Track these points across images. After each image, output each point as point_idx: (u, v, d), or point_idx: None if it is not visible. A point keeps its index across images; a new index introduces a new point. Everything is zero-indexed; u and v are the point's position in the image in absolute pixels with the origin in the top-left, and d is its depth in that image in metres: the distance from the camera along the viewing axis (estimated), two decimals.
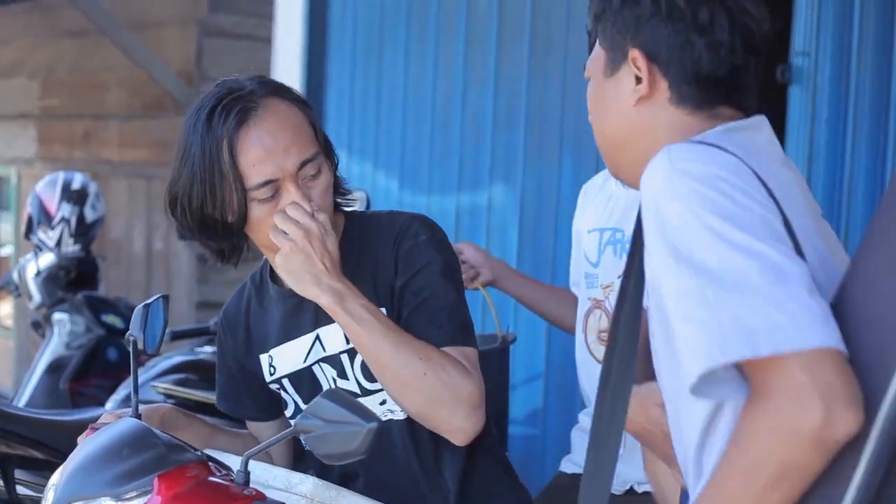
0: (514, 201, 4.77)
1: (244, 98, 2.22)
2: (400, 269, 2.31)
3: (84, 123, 8.80)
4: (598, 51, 1.93)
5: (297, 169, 2.22)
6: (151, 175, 8.13)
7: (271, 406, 2.54)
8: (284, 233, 2.18)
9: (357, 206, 2.51)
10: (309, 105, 2.34)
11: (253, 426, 2.61)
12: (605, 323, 2.83)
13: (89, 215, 5.06)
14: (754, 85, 1.87)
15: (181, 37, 7.86)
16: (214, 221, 2.28)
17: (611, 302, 2.81)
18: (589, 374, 2.87)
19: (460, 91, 5.04)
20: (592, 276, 2.90)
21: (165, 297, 2.46)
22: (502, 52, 4.89)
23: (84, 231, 5.04)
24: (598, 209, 2.95)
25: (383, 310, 2.28)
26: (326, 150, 2.34)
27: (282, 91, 2.30)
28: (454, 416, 2.20)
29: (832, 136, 3.70)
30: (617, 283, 2.75)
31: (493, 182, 4.88)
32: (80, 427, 2.40)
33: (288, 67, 5.96)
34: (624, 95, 1.86)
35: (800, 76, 3.75)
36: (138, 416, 2.27)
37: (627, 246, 2.75)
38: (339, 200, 2.40)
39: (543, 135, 4.70)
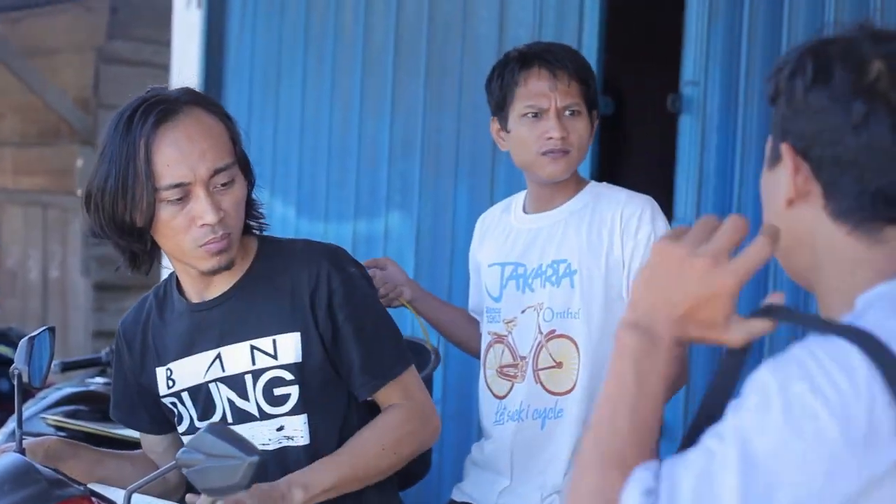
0: (410, 229, 4.78)
1: (167, 102, 2.25)
2: (336, 302, 2.32)
3: None
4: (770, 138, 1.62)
5: (210, 176, 2.23)
6: (47, 203, 8.03)
7: (164, 420, 2.52)
8: None
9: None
10: (231, 119, 2.35)
11: (146, 438, 2.59)
12: (507, 358, 2.81)
13: None
14: None
15: (78, 63, 7.79)
16: (123, 221, 2.27)
17: (514, 337, 2.80)
18: (486, 406, 2.86)
19: (357, 120, 5.05)
20: (494, 310, 2.88)
21: (52, 329, 2.43)
22: (399, 81, 4.90)
23: None
24: (498, 242, 2.92)
25: (297, 334, 2.32)
26: (243, 165, 2.34)
27: (206, 102, 2.33)
28: (427, 445, 2.50)
29: (721, 164, 3.76)
30: (520, 318, 2.78)
31: (389, 210, 4.89)
32: None
33: None
34: (779, 194, 1.53)
35: (690, 105, 3.81)
36: (22, 451, 2.23)
37: (530, 280, 2.78)
38: (251, 223, 2.40)
39: (439, 163, 4.72)
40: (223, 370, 2.37)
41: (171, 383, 2.44)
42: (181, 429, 2.47)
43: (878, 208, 1.45)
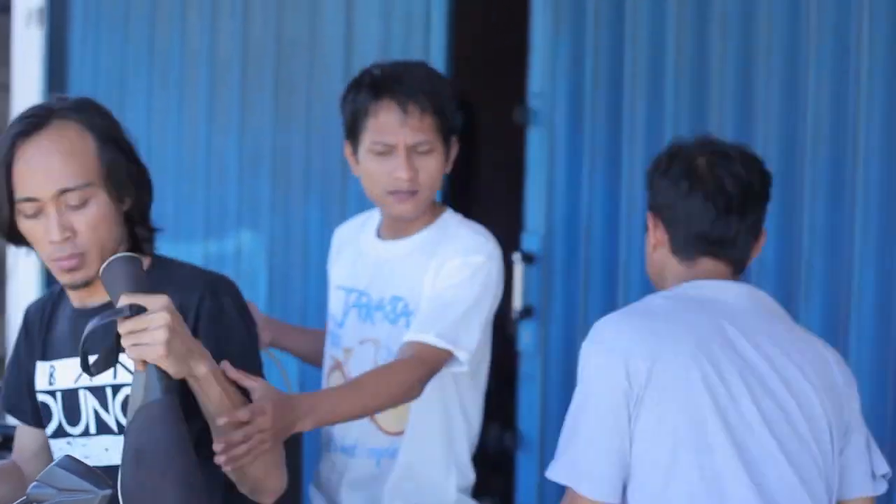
0: (261, 247, 4.73)
1: (39, 115, 2.25)
2: (200, 331, 2.26)
3: None
4: None
5: (57, 195, 2.20)
6: None
7: (39, 414, 2.46)
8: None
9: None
10: (110, 136, 2.29)
11: (23, 433, 2.53)
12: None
13: None
14: (739, 238, 2.39)
15: None
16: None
17: (349, 367, 2.76)
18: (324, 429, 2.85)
19: (204, 137, 4.99)
20: (336, 335, 2.84)
21: None
22: (246, 97, 4.86)
23: None
24: (348, 264, 2.87)
25: None
26: (113, 182, 2.27)
27: (84, 113, 2.29)
28: None
29: (571, 175, 3.80)
30: (357, 349, 2.75)
31: (239, 228, 4.84)
32: None
33: None
34: (649, 243, 2.49)
35: (537, 117, 3.84)
36: None
37: (372, 311, 2.73)
38: (140, 236, 2.36)
39: (290, 180, 4.69)
40: (91, 379, 2.30)
41: (51, 380, 2.41)
42: (49, 430, 2.42)
43: (695, 246, 2.40)
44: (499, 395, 5.16)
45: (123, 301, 1.99)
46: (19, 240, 2.32)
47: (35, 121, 2.24)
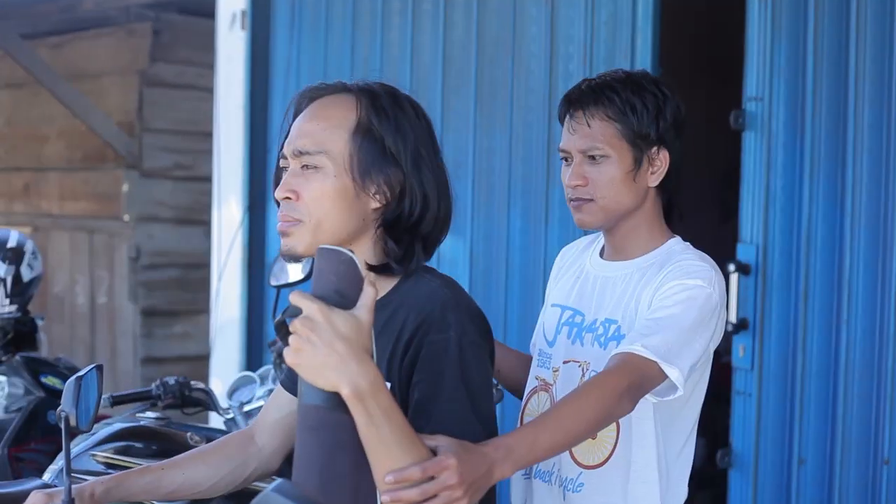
0: (463, 253, 4.67)
1: (340, 83, 2.22)
2: (417, 362, 2.08)
3: (24, 176, 8.63)
4: None
5: (294, 156, 2.15)
6: (94, 228, 7.97)
7: None
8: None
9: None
10: (374, 129, 2.14)
11: (271, 400, 2.48)
12: (548, 407, 2.54)
13: (26, 274, 4.87)
14: None
15: (121, 87, 7.72)
16: None
17: (557, 387, 2.55)
18: None
19: None
20: (546, 354, 2.63)
21: (99, 368, 2.32)
22: (447, 100, 4.81)
23: (21, 291, 4.85)
24: (568, 284, 2.68)
25: (387, 384, 2.01)
26: (355, 166, 2.12)
27: (369, 97, 2.19)
28: None
29: (788, 183, 3.63)
30: (562, 369, 2.53)
31: None
32: (16, 500, 2.27)
33: (231, 117, 5.84)
34: None
35: (753, 121, 3.68)
36: (71, 501, 2.13)
37: (583, 332, 2.52)
38: (388, 249, 2.16)
39: (492, 185, 4.62)
40: None
41: None
42: None
43: None
44: (703, 409, 5.04)
45: (293, 299, 1.91)
46: None
47: (328, 88, 2.21)
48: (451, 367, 2.06)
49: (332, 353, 1.84)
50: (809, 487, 3.63)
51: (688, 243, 2.57)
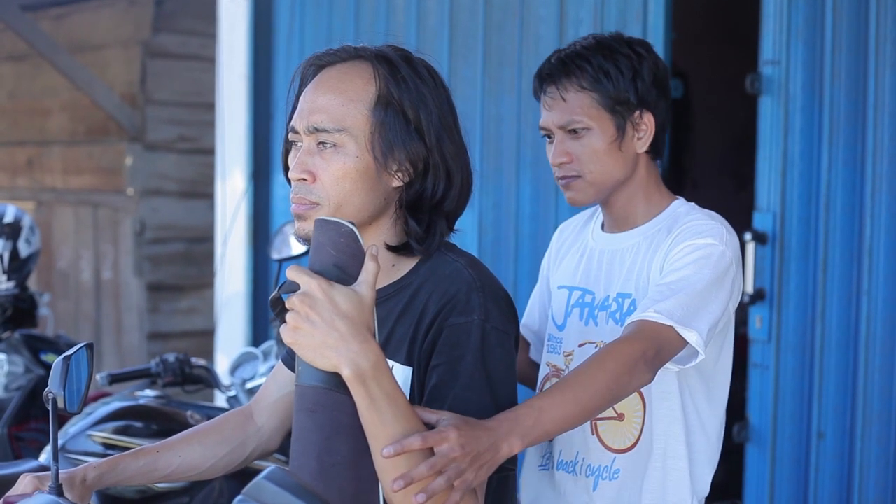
0: (472, 223, 4.57)
1: (350, 49, 2.06)
2: (438, 344, 1.98)
3: (26, 150, 8.54)
4: None
5: (310, 131, 1.99)
6: (98, 202, 7.88)
7: None
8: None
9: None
10: (396, 99, 2.00)
11: (270, 380, 2.38)
12: None
13: (23, 250, 4.79)
14: None
15: (124, 59, 7.62)
16: None
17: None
18: (532, 447, 2.50)
19: None
20: (556, 339, 2.51)
21: (90, 346, 2.21)
22: (455, 67, 4.71)
23: (18, 267, 4.77)
24: (573, 263, 2.55)
25: (409, 369, 2.01)
26: (378, 142, 1.99)
27: (387, 66, 2.03)
28: None
29: (807, 147, 3.52)
30: (577, 353, 2.41)
31: None
32: (12, 482, 2.17)
33: (234, 87, 5.75)
34: None
35: (770, 86, 3.56)
36: (59, 487, 2.03)
37: (596, 311, 2.41)
38: (410, 229, 2.05)
39: (500, 153, 4.51)
40: None
41: None
42: None
43: None
44: None
45: (290, 274, 1.80)
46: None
47: (337, 55, 2.05)
48: (472, 353, 1.96)
49: (332, 332, 1.75)
50: (829, 462, 3.53)
51: (693, 203, 2.45)
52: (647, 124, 2.39)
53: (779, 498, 3.62)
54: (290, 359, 2.30)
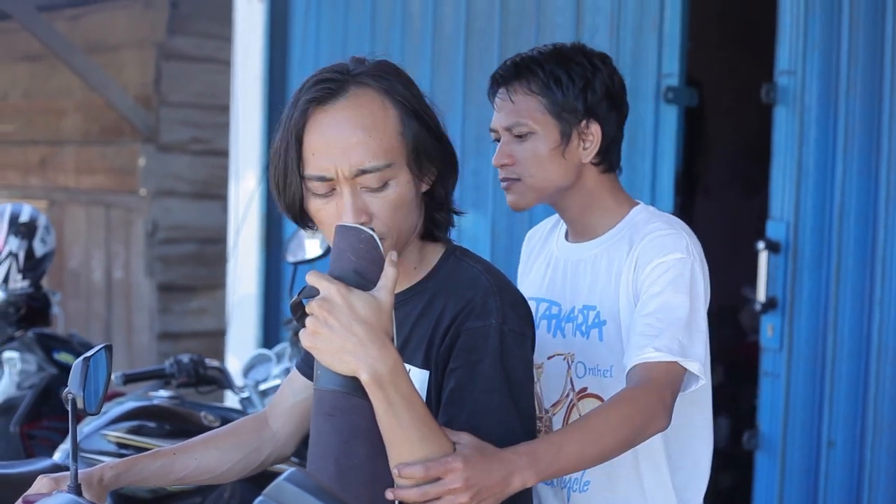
0: (485, 230, 4.58)
1: (334, 79, 1.93)
2: (455, 348, 1.99)
3: (40, 150, 8.57)
4: None
5: (354, 175, 1.91)
6: (110, 202, 7.90)
7: None
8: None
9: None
10: (414, 107, 1.97)
11: (286, 384, 2.37)
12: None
13: (39, 249, 4.80)
14: None
15: (139, 60, 7.65)
16: (284, 203, 2.01)
17: (541, 385, 2.42)
18: None
19: None
20: None
21: (108, 348, 2.23)
22: (470, 74, 4.71)
23: (33, 266, 4.79)
24: (539, 273, 2.54)
25: (426, 372, 2.02)
26: (416, 161, 1.97)
27: (385, 80, 1.97)
28: None
29: (821, 157, 3.53)
30: (546, 365, 2.40)
31: (462, 209, 4.69)
32: (27, 481, 2.19)
33: (249, 90, 5.76)
34: None
35: (785, 96, 3.57)
36: (77, 486, 2.05)
37: (563, 323, 2.40)
38: (433, 228, 2.06)
39: None
40: None
41: None
42: None
43: None
44: (726, 387, 4.97)
45: (309, 279, 1.82)
46: (304, 218, 2.04)
47: (332, 87, 1.93)
48: (491, 356, 1.96)
49: (350, 337, 1.77)
50: (839, 470, 3.54)
51: (651, 207, 2.44)
52: (593, 135, 2.36)
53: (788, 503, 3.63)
54: (305, 366, 2.31)
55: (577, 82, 2.33)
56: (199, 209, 7.59)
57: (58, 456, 3.48)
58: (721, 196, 5.67)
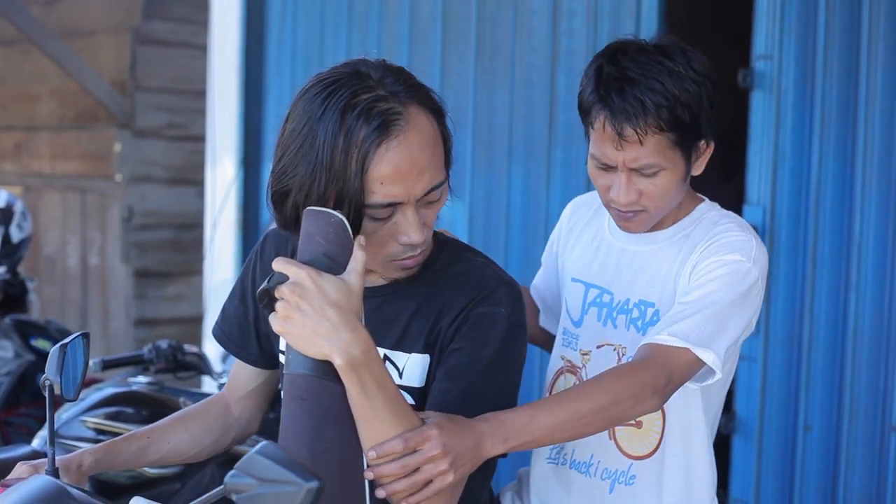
0: (462, 215, 4.58)
1: (386, 102, 1.90)
2: (462, 330, 2.02)
3: (14, 135, 8.53)
4: None
5: (423, 195, 1.93)
6: (86, 188, 7.88)
7: (272, 356, 2.32)
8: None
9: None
10: (443, 112, 1.99)
11: (241, 371, 2.39)
12: None
13: (15, 235, 4.79)
14: None
15: (114, 45, 7.61)
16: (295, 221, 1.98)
17: (588, 371, 2.40)
18: None
19: None
20: (572, 335, 2.47)
21: (86, 335, 2.23)
22: (447, 58, 4.70)
23: (10, 252, 4.78)
24: (588, 255, 2.50)
25: (427, 356, 2.05)
26: (448, 159, 2.01)
27: (422, 95, 1.96)
28: None
29: (798, 142, 3.54)
30: (594, 354, 2.39)
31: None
32: (4, 467, 2.20)
33: (224, 76, 5.75)
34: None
35: (762, 80, 3.58)
36: (55, 471, 2.05)
37: (614, 313, 2.39)
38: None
39: (492, 145, 4.52)
40: None
41: None
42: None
43: None
44: None
45: (277, 266, 1.83)
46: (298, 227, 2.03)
47: (387, 114, 1.89)
48: (496, 342, 2.01)
49: (323, 321, 1.78)
50: (815, 454, 3.56)
51: (719, 207, 2.42)
52: (707, 150, 2.35)
53: (764, 489, 3.64)
54: (219, 331, 2.37)
55: (693, 108, 2.22)
56: (175, 195, 7.57)
57: (36, 442, 3.47)
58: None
